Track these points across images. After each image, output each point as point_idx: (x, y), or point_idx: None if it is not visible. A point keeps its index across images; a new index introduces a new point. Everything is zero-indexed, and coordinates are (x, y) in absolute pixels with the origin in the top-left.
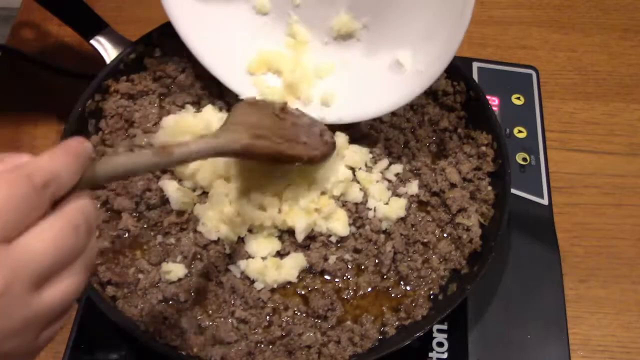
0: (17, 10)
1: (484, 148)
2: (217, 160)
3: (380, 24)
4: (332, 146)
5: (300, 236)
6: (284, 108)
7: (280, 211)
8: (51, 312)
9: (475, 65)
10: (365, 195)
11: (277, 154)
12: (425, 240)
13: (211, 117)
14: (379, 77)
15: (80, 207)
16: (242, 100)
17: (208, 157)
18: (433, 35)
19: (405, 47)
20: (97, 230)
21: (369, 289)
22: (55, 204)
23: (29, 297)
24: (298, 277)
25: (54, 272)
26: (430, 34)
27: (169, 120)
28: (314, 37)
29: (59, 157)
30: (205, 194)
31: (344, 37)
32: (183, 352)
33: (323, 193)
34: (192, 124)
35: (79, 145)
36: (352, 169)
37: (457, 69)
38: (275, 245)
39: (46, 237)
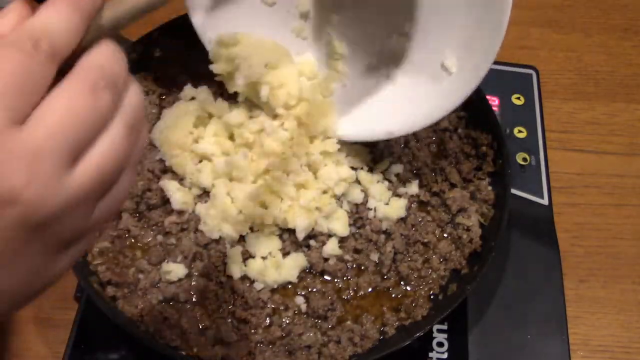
0: None
1: (484, 148)
2: (219, 161)
3: (421, 32)
4: None
5: (300, 234)
6: None
7: (281, 209)
8: (93, 185)
9: None
10: (366, 196)
11: None
12: (425, 240)
13: (208, 96)
14: (424, 86)
15: (92, 63)
16: None
17: None
18: (476, 32)
19: (449, 50)
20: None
21: (369, 289)
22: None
23: (60, 178)
24: (298, 277)
25: (81, 143)
26: (472, 31)
27: (167, 112)
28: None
29: (50, 10)
30: (206, 193)
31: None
32: (183, 352)
33: (324, 192)
34: (192, 108)
35: None
36: (354, 169)
37: None
38: (276, 244)
39: (58, 108)
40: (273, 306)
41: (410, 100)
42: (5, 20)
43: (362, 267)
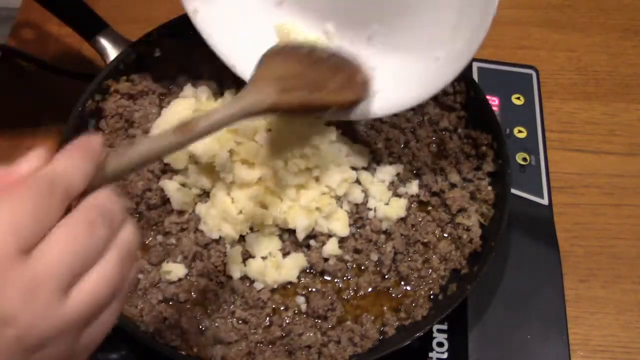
0: (17, 10)
1: (484, 148)
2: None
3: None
4: (366, 87)
5: (301, 235)
6: (313, 50)
7: (281, 210)
8: (84, 312)
9: (475, 65)
10: (366, 196)
11: (306, 106)
12: (425, 240)
13: (208, 96)
14: (414, 64)
15: (92, 203)
16: (270, 48)
17: (234, 122)
18: (463, 20)
19: (440, 26)
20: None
21: (369, 289)
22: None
23: (55, 304)
24: (298, 277)
25: (77, 272)
26: (459, 20)
27: (166, 111)
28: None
29: (66, 158)
30: (206, 193)
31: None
32: (183, 352)
33: (324, 192)
34: (189, 103)
35: (86, 143)
36: (354, 169)
37: None
38: (276, 244)
39: (61, 241)
40: (273, 306)
41: (399, 79)
42: (27, 164)
43: (362, 267)
